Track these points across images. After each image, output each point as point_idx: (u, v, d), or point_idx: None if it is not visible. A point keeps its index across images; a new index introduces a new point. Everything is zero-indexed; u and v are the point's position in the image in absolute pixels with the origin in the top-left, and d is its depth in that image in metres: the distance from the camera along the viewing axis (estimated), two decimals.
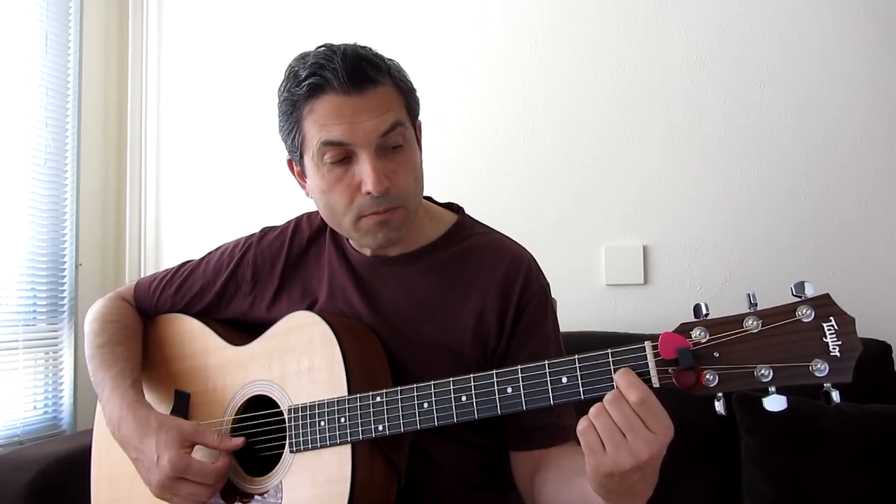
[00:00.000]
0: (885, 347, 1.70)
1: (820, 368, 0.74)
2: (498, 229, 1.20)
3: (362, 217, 1.03)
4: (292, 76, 1.03)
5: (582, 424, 0.79)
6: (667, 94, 2.03)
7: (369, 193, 1.00)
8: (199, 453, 1.06)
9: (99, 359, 1.18)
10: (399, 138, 1.02)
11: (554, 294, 1.16)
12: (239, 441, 1.06)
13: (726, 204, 1.98)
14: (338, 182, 1.02)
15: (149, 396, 1.18)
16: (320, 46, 1.04)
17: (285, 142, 1.08)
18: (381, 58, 1.04)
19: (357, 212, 1.03)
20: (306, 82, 1.00)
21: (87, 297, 2.18)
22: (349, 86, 0.98)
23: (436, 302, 1.10)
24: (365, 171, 0.99)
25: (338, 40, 1.05)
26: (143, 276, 1.73)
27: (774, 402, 0.76)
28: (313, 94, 1.00)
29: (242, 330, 1.20)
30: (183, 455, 1.02)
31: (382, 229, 1.04)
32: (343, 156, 1.01)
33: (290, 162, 1.12)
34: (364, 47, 1.04)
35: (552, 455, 1.04)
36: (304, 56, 1.04)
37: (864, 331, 0.77)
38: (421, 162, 1.09)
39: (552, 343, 1.11)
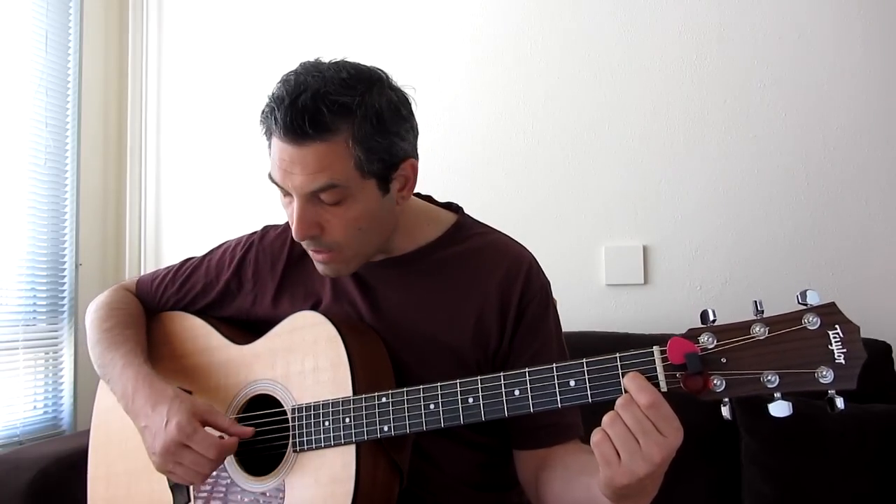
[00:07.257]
0: (885, 347, 1.70)
1: (825, 375, 0.75)
2: (498, 229, 1.19)
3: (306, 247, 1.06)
4: (268, 99, 1.01)
5: (596, 436, 0.79)
6: (667, 94, 2.03)
7: None
8: None
9: (107, 341, 1.18)
10: (333, 198, 0.99)
11: (554, 294, 1.16)
12: (249, 430, 1.05)
13: (726, 204, 1.98)
14: (285, 208, 1.05)
15: None
16: (290, 74, 0.99)
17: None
18: (343, 105, 0.95)
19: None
20: (263, 117, 1.01)
21: (87, 297, 2.17)
22: (287, 137, 0.96)
23: (436, 302, 1.10)
24: (293, 215, 1.01)
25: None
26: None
27: (780, 408, 0.76)
28: (267, 131, 1.01)
29: (245, 329, 1.20)
30: (192, 420, 1.01)
31: (321, 265, 1.07)
32: (286, 191, 1.02)
33: None
34: (333, 88, 0.95)
35: (557, 453, 1.04)
36: (281, 81, 1.00)
37: (863, 331, 0.77)
38: (380, 210, 1.03)
39: (554, 342, 1.10)
